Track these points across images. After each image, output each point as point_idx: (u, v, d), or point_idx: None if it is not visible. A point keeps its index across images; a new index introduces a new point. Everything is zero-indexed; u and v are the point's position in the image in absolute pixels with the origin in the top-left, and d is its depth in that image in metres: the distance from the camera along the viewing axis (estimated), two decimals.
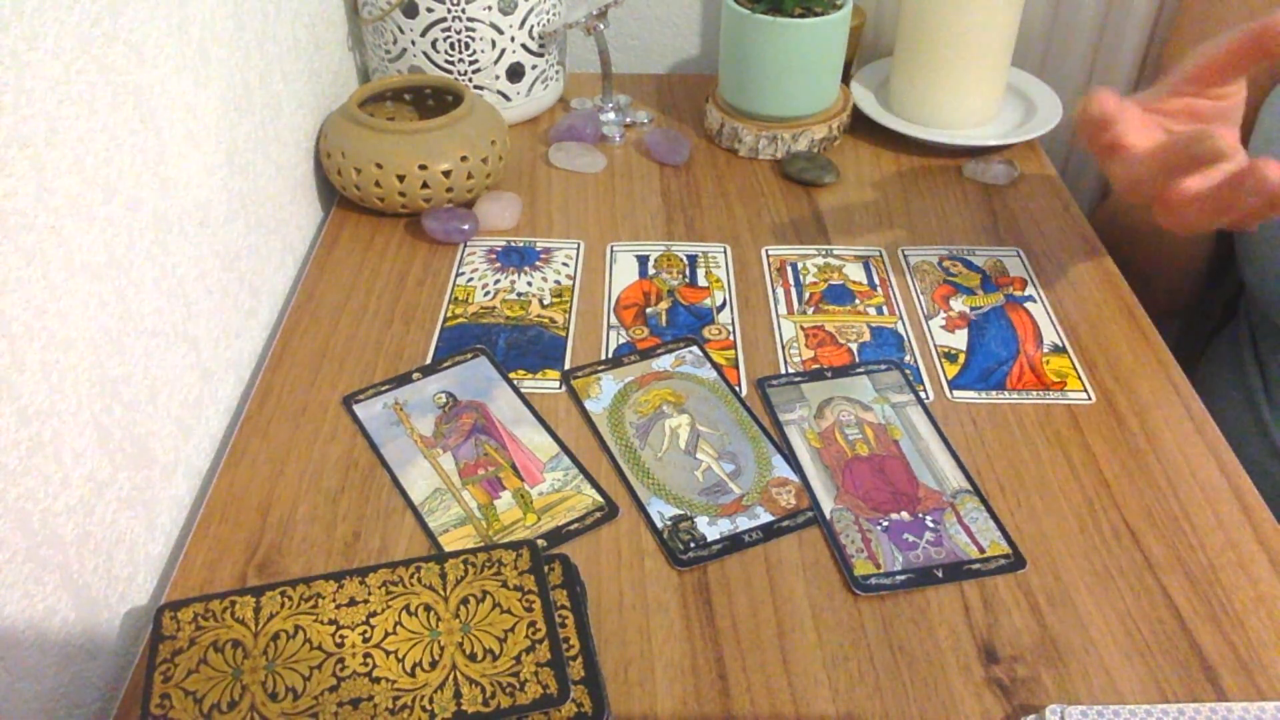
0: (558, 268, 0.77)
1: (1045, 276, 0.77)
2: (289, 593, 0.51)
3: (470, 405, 0.65)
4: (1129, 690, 0.50)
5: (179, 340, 0.60)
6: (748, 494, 0.59)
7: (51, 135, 0.47)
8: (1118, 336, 0.71)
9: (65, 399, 0.48)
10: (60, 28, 0.48)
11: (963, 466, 0.61)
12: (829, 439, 0.63)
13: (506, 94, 0.92)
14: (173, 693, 0.47)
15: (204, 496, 0.60)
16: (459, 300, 0.74)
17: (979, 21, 0.84)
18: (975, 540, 0.57)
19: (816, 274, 0.77)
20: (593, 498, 0.59)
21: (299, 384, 0.67)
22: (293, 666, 0.48)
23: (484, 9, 0.87)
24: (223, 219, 0.66)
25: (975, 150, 0.91)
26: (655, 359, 0.69)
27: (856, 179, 0.88)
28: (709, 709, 0.49)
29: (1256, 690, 0.50)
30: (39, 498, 0.47)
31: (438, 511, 0.58)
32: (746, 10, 0.85)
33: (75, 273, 0.49)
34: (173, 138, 0.59)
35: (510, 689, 0.47)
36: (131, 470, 0.55)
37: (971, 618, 0.53)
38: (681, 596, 0.54)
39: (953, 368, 0.69)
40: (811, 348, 0.70)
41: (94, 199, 0.51)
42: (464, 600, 0.51)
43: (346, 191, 0.80)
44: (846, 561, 0.56)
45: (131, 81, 0.54)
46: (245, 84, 0.69)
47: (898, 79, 0.91)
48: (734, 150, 0.91)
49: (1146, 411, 0.65)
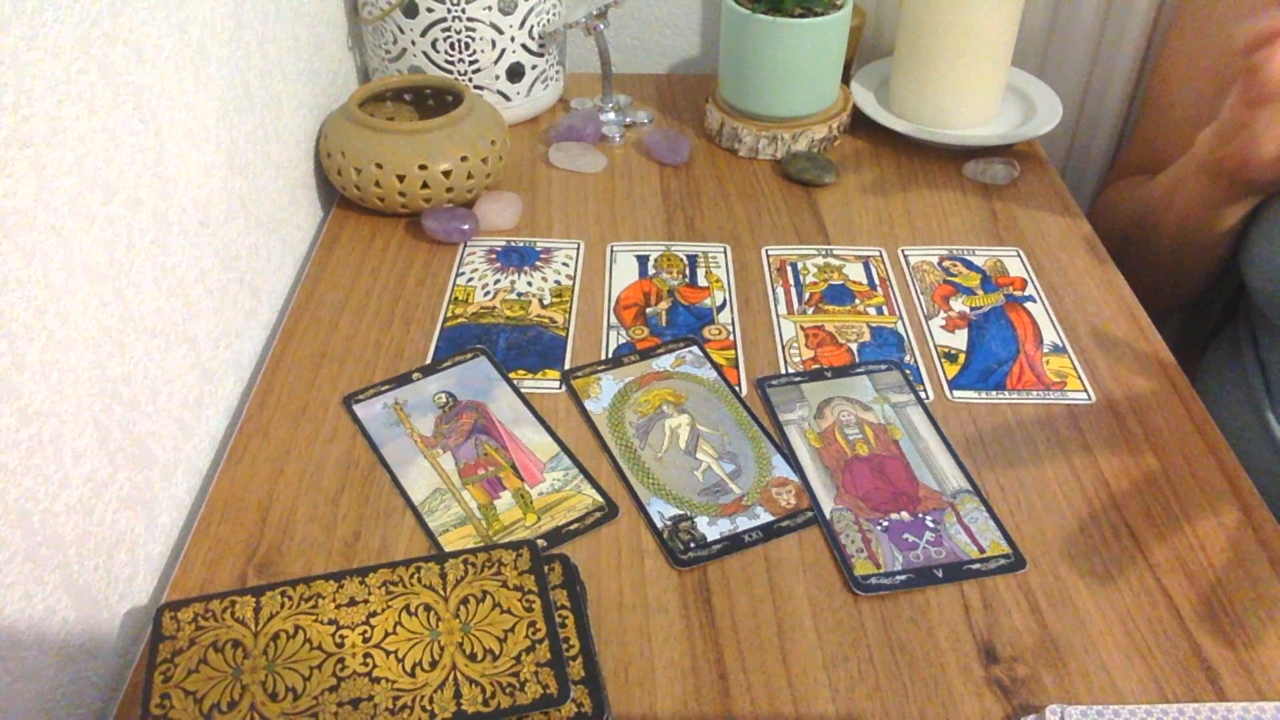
0: (558, 268, 0.77)
1: (1045, 276, 0.77)
2: (289, 593, 0.51)
3: (470, 405, 0.65)
4: (1129, 690, 0.50)
5: (179, 340, 0.60)
6: (748, 494, 0.59)
7: (51, 135, 0.47)
8: (1118, 336, 0.71)
9: (65, 399, 0.48)
10: (60, 28, 0.48)
11: (963, 466, 0.61)
12: (829, 439, 0.63)
13: (506, 94, 0.92)
14: (173, 693, 0.47)
15: (204, 496, 0.60)
16: (459, 300, 0.74)
17: (979, 21, 0.84)
18: (975, 540, 0.57)
19: (816, 274, 0.77)
20: (593, 498, 0.59)
21: (299, 384, 0.67)
22: (293, 666, 0.48)
23: (484, 9, 0.87)
24: (222, 219, 0.66)
25: (975, 150, 0.91)
26: (655, 359, 0.69)
27: (856, 179, 0.88)
28: (709, 709, 0.49)
29: (1256, 690, 0.50)
30: (39, 498, 0.47)
31: (438, 511, 0.58)
32: (746, 10, 0.85)
33: (75, 273, 0.49)
34: (173, 138, 0.59)
35: (510, 689, 0.47)
36: (131, 470, 0.55)
37: (971, 618, 0.53)
38: (681, 596, 0.54)
39: (953, 368, 0.69)
40: (811, 348, 0.70)
41: (94, 199, 0.51)
42: (464, 600, 0.51)
43: (346, 191, 0.80)
44: (846, 561, 0.56)
45: (131, 81, 0.54)
46: (245, 84, 0.69)
47: (898, 79, 0.91)
48: (734, 150, 0.91)
49: (1146, 411, 0.65)
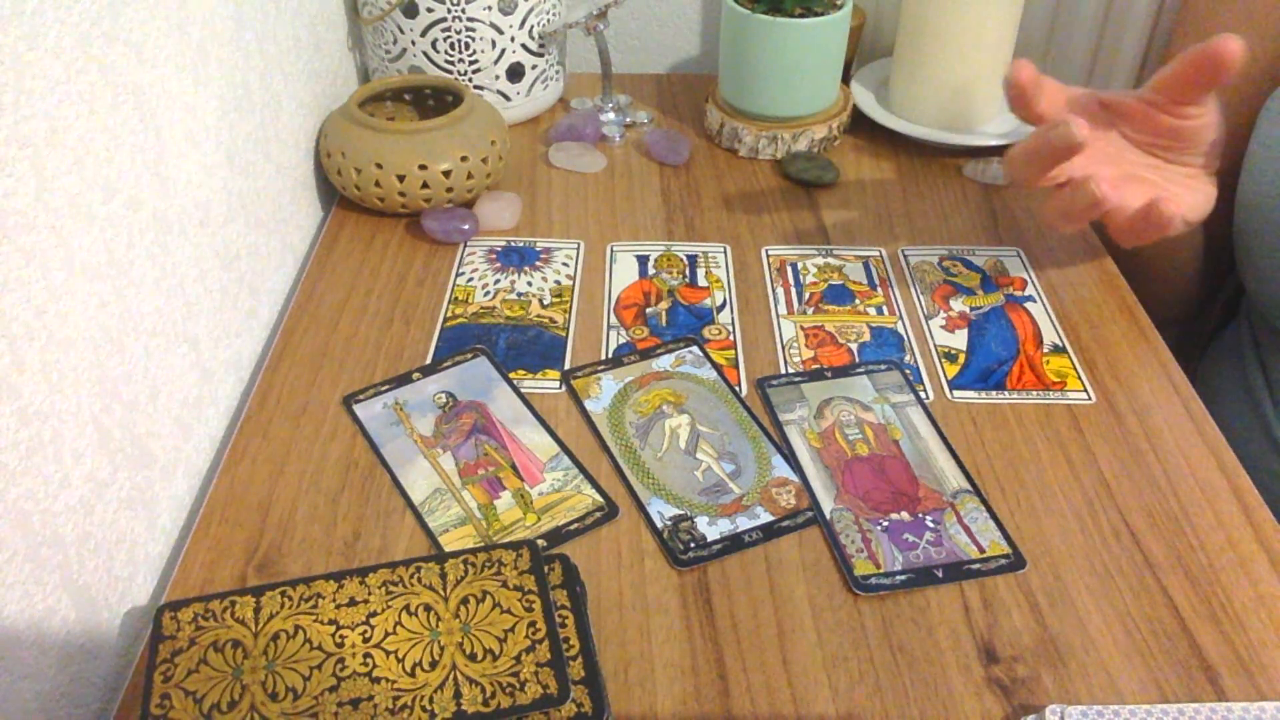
0: (558, 268, 0.77)
1: (1045, 276, 0.77)
2: (289, 593, 0.51)
3: (470, 405, 0.65)
4: (1129, 690, 0.50)
5: (179, 340, 0.60)
6: (748, 494, 0.59)
7: (51, 135, 0.47)
8: (1118, 336, 0.71)
9: (65, 399, 0.48)
10: (60, 28, 0.48)
11: (963, 466, 0.61)
12: (829, 439, 0.63)
13: (506, 94, 0.92)
14: (173, 693, 0.47)
15: (204, 496, 0.60)
16: (459, 300, 0.74)
17: (979, 21, 0.84)
18: (975, 540, 0.57)
19: (816, 274, 0.77)
20: (593, 498, 0.59)
21: (299, 384, 0.67)
22: (293, 666, 0.48)
23: (484, 9, 0.87)
24: (223, 219, 0.66)
25: (975, 150, 0.91)
26: (655, 359, 0.69)
27: (856, 179, 0.88)
28: (709, 709, 0.49)
29: (1256, 690, 0.50)
30: (39, 498, 0.47)
31: (438, 511, 0.58)
32: (746, 10, 0.85)
33: (75, 273, 0.49)
34: (173, 138, 0.59)
35: (510, 689, 0.47)
36: (131, 470, 0.55)
37: (971, 618, 0.53)
38: (681, 596, 0.54)
39: (953, 368, 0.69)
40: (811, 348, 0.70)
41: (94, 199, 0.51)
42: (464, 600, 0.51)
43: (346, 191, 0.80)
44: (846, 561, 0.56)
45: (131, 81, 0.54)
46: (245, 84, 0.69)
47: (898, 79, 0.91)
48: (734, 150, 0.91)
49: (1146, 411, 0.65)
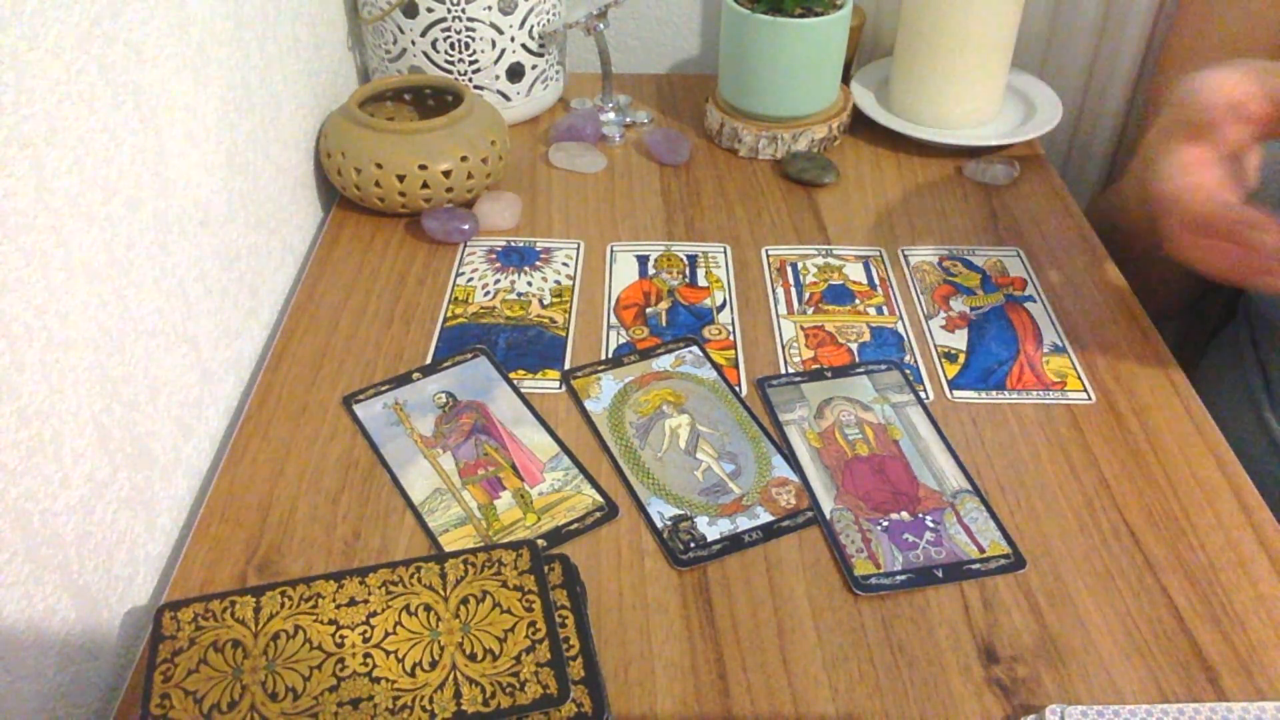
0: (558, 268, 0.77)
1: (1045, 276, 0.77)
2: (289, 593, 0.51)
3: (470, 405, 0.65)
4: (1129, 690, 0.50)
5: (179, 340, 0.60)
6: (748, 494, 0.59)
7: (51, 135, 0.47)
8: (1118, 336, 0.71)
9: (65, 399, 0.48)
10: (60, 28, 0.48)
11: (963, 466, 0.61)
12: (829, 439, 0.63)
13: (506, 94, 0.92)
14: (173, 693, 0.47)
15: (204, 496, 0.60)
16: (459, 300, 0.74)
17: (979, 21, 0.84)
18: (975, 540, 0.57)
19: (816, 274, 0.77)
20: (593, 498, 0.59)
21: (299, 384, 0.67)
22: (293, 666, 0.48)
23: (484, 9, 0.87)
24: (222, 219, 0.66)
25: (975, 150, 0.91)
26: (655, 359, 0.69)
27: (856, 179, 0.88)
28: (709, 709, 0.49)
29: (1256, 690, 0.50)
30: (39, 498, 0.47)
31: (438, 511, 0.58)
32: (746, 10, 0.85)
33: (75, 273, 0.49)
34: (173, 138, 0.59)
35: (510, 689, 0.47)
36: (131, 470, 0.55)
37: (971, 618, 0.53)
38: (681, 596, 0.54)
39: (953, 368, 0.69)
40: (811, 348, 0.70)
41: (94, 199, 0.51)
42: (464, 600, 0.51)
43: (346, 191, 0.80)
44: (846, 561, 0.56)
45: (131, 81, 0.54)
46: (245, 84, 0.69)
47: (898, 79, 0.91)
48: (734, 150, 0.91)
49: (1146, 411, 0.65)
